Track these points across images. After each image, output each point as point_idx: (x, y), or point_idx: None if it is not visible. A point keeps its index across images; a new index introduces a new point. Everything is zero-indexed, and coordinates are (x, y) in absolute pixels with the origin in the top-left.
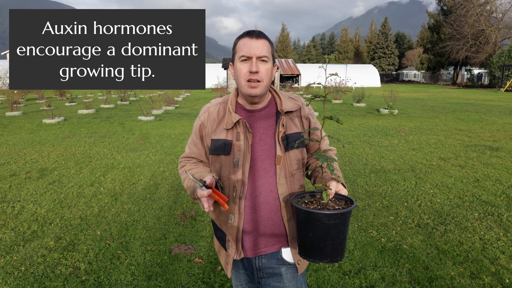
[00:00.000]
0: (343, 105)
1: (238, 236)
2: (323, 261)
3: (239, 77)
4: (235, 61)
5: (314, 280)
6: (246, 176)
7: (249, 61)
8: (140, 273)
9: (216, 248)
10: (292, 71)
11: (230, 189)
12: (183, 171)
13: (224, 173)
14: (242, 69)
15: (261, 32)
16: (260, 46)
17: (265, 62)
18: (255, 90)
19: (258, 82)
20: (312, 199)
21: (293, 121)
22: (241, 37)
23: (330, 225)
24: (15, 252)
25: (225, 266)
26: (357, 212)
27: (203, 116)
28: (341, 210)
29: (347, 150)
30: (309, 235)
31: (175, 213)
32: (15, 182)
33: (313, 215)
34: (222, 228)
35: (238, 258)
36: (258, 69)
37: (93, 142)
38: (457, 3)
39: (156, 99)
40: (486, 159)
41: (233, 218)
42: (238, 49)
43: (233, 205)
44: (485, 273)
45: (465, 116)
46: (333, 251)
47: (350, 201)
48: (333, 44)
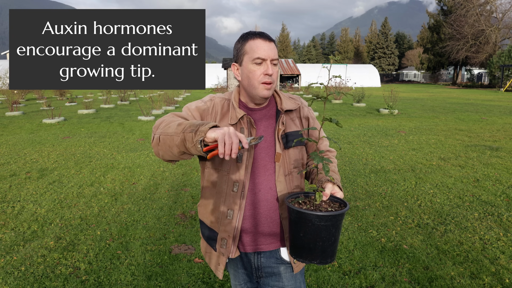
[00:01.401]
0: (343, 105)
1: (235, 233)
2: (313, 262)
3: (252, 79)
4: (246, 62)
5: (314, 280)
6: (249, 171)
7: (264, 63)
8: (140, 273)
9: (203, 251)
10: (292, 71)
11: (229, 184)
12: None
13: (225, 168)
14: (257, 71)
15: (270, 35)
16: (273, 49)
17: (275, 65)
18: (269, 92)
19: (271, 84)
20: (306, 200)
21: (292, 120)
22: (252, 38)
23: (321, 226)
24: (15, 252)
25: (215, 267)
26: (357, 212)
27: (208, 102)
28: (333, 212)
29: (347, 150)
30: (300, 235)
31: (175, 213)
32: (15, 182)
33: (304, 215)
34: (213, 227)
35: (233, 256)
36: (272, 72)
37: (93, 142)
38: (457, 3)
39: (156, 99)
40: (486, 159)
41: (232, 214)
42: (251, 50)
43: (233, 201)
44: (485, 273)
45: (465, 116)
46: (323, 253)
47: (344, 204)
48: (333, 44)
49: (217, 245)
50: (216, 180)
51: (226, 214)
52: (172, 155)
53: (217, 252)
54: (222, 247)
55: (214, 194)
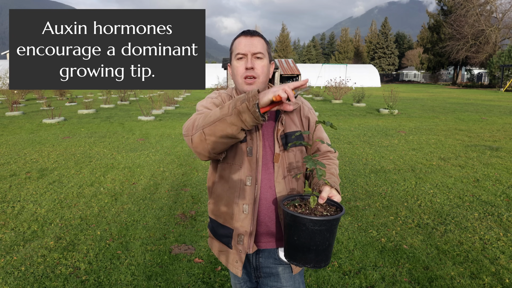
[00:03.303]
0: (343, 105)
1: (252, 228)
2: (307, 265)
3: (236, 75)
4: (233, 60)
5: (314, 280)
6: (260, 164)
7: (245, 58)
8: (140, 273)
9: (216, 251)
10: (292, 71)
11: (242, 178)
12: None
13: (237, 161)
14: (239, 67)
15: (256, 31)
16: (255, 43)
17: (260, 59)
18: (251, 87)
19: (254, 78)
20: (302, 203)
21: (292, 120)
22: (237, 37)
23: (316, 231)
24: (15, 252)
25: (233, 265)
26: (357, 212)
27: (216, 99)
28: (327, 217)
29: (347, 150)
30: (294, 238)
31: (175, 213)
32: (15, 182)
33: (298, 219)
34: (227, 224)
35: (251, 252)
36: (253, 66)
37: (93, 142)
38: (457, 3)
39: (156, 99)
40: (486, 159)
41: (247, 208)
42: (234, 48)
43: (246, 195)
44: (485, 273)
45: (465, 116)
46: (317, 257)
47: (340, 208)
48: (333, 44)
49: (233, 242)
50: (228, 175)
51: (242, 209)
52: (227, 140)
53: (233, 249)
54: (239, 244)
55: (226, 189)
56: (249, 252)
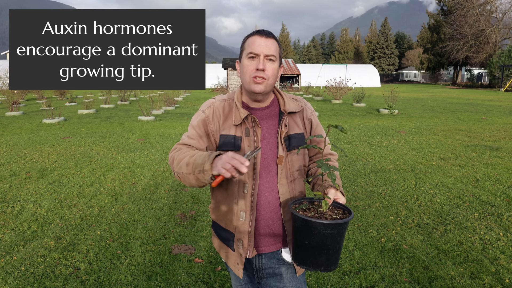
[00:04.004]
0: (343, 105)
1: (250, 234)
2: (317, 269)
3: (245, 74)
4: (242, 58)
5: (314, 280)
6: (257, 171)
7: (257, 58)
8: (140, 273)
9: (217, 246)
10: (292, 71)
11: (239, 185)
12: (183, 153)
13: None
14: (249, 66)
15: (271, 32)
16: (269, 45)
17: (272, 61)
18: (259, 87)
19: (264, 79)
20: (310, 206)
21: (295, 122)
22: (251, 35)
23: (327, 234)
24: (15, 252)
25: (234, 266)
26: (357, 212)
27: (207, 110)
28: (339, 221)
29: (347, 150)
30: (304, 242)
31: (175, 213)
32: (15, 182)
33: (310, 223)
34: (229, 228)
35: (250, 256)
36: (265, 67)
37: (93, 142)
38: (457, 3)
39: (156, 99)
40: (486, 159)
41: (244, 215)
42: (247, 46)
43: (244, 202)
44: (485, 273)
45: (465, 116)
46: (328, 260)
47: (347, 210)
48: (333, 44)
49: (234, 245)
50: (226, 182)
51: (239, 216)
52: (196, 186)
53: (235, 252)
54: (239, 248)
55: (225, 196)
56: (248, 256)
